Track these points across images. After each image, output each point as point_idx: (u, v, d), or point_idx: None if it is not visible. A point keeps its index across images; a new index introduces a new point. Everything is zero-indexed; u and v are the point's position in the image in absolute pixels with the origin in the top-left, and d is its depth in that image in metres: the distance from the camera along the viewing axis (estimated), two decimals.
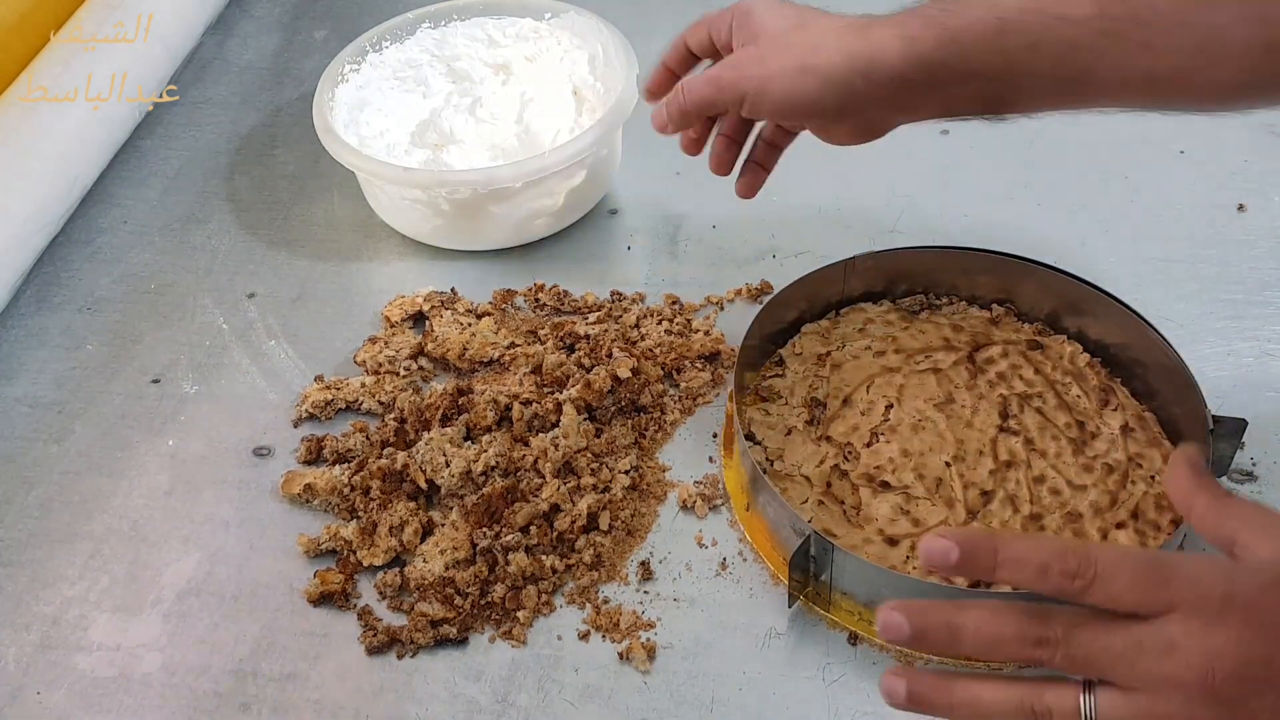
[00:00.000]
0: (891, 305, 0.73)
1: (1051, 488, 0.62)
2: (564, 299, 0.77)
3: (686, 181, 0.86)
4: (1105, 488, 0.62)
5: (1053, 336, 0.70)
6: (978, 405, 0.66)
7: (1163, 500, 0.61)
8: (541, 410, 0.67)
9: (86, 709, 0.58)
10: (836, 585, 0.59)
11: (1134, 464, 0.63)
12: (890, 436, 0.64)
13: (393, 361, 0.73)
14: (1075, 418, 0.65)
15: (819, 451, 0.65)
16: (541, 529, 0.63)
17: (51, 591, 0.63)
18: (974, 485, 0.62)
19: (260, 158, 0.92)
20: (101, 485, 0.69)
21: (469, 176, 0.76)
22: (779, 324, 0.71)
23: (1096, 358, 0.68)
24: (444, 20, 0.89)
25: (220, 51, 1.03)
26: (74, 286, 0.82)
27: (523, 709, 0.57)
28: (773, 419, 0.67)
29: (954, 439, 0.64)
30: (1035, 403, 0.66)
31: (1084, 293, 0.67)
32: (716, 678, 0.58)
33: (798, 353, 0.71)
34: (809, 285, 0.70)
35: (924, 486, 0.62)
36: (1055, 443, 0.64)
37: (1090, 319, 0.68)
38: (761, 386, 0.69)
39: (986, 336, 0.70)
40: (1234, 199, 0.80)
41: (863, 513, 0.62)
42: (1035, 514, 0.61)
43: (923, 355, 0.69)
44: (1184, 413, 0.63)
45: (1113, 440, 0.64)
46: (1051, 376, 0.67)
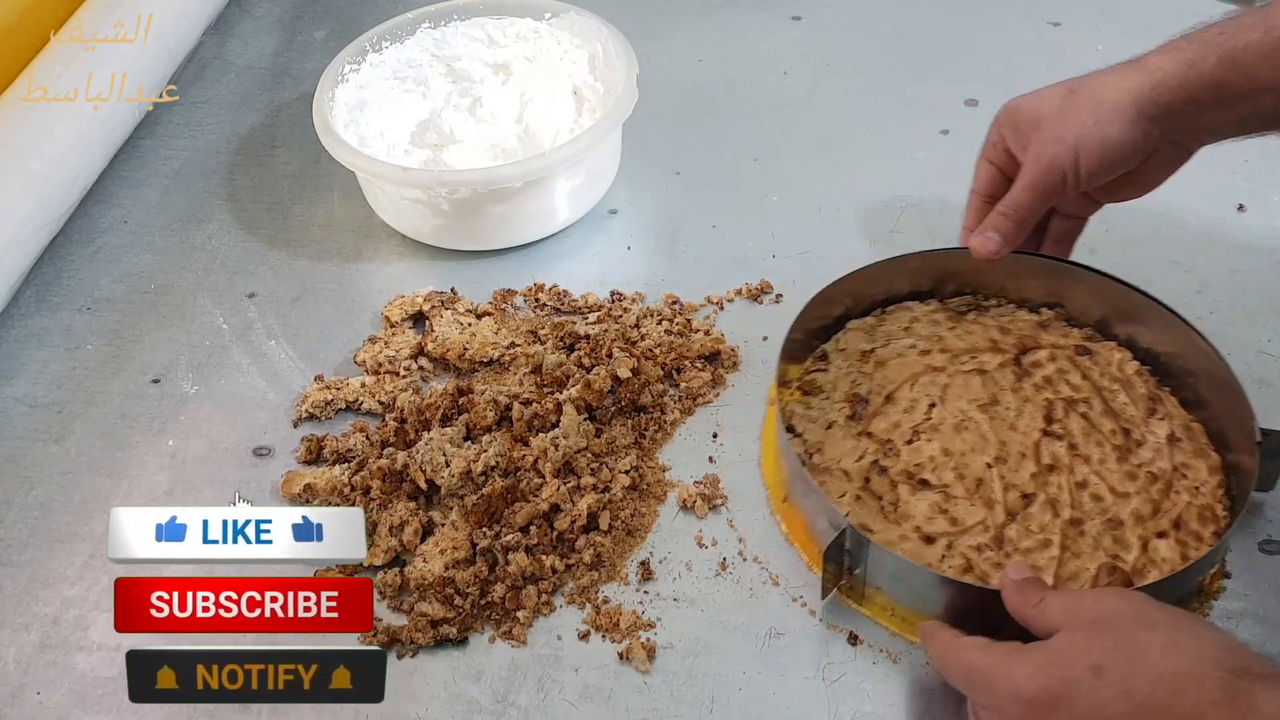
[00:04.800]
0: (939, 305, 0.72)
1: (1094, 494, 0.61)
2: (564, 299, 0.77)
3: (686, 181, 0.86)
4: (1148, 496, 0.61)
5: (1102, 343, 0.69)
6: (1022, 408, 0.65)
7: (1205, 512, 0.60)
8: (541, 410, 0.67)
9: (86, 709, 0.58)
10: (871, 580, 0.59)
11: (1179, 474, 0.62)
12: (932, 435, 0.64)
13: (393, 361, 0.73)
14: (1121, 425, 0.64)
15: (859, 447, 0.64)
16: (541, 529, 0.63)
17: (51, 591, 0.63)
18: (1015, 487, 0.61)
19: (260, 158, 0.92)
20: (101, 485, 0.69)
21: (469, 176, 0.76)
22: (823, 319, 0.71)
23: (1146, 365, 0.67)
24: (444, 20, 0.89)
25: (220, 51, 1.03)
26: (74, 286, 0.82)
27: (523, 709, 0.57)
28: (814, 412, 0.67)
29: (996, 440, 0.63)
30: (1081, 408, 0.65)
31: (1136, 300, 0.66)
32: (716, 678, 0.58)
33: (841, 348, 0.70)
34: (855, 282, 0.69)
35: (964, 487, 0.61)
36: (1099, 449, 0.63)
37: (1141, 326, 0.67)
38: (804, 380, 0.69)
39: (1034, 340, 0.69)
40: (1234, 199, 0.80)
41: (900, 509, 0.61)
42: (1075, 519, 0.60)
43: (968, 356, 0.68)
44: (1232, 424, 0.62)
45: (1158, 449, 0.63)
46: (1099, 383, 0.66)
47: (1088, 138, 0.59)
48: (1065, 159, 0.60)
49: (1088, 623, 0.47)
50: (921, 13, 1.01)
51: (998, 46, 0.97)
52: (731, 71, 0.96)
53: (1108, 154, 0.60)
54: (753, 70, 0.96)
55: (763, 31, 1.00)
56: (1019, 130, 0.63)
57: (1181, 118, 0.59)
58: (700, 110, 0.93)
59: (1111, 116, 0.59)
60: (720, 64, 0.97)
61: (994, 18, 1.00)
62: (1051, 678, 0.46)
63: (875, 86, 0.94)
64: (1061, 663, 0.46)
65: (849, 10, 1.02)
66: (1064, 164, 0.60)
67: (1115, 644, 0.46)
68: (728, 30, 1.00)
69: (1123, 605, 0.48)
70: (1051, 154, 0.60)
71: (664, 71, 0.94)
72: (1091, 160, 0.60)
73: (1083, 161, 0.60)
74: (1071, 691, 0.45)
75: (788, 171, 0.86)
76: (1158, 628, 0.46)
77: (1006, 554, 0.59)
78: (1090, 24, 0.98)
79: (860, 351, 0.70)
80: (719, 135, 0.90)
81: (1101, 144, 0.59)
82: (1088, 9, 1.00)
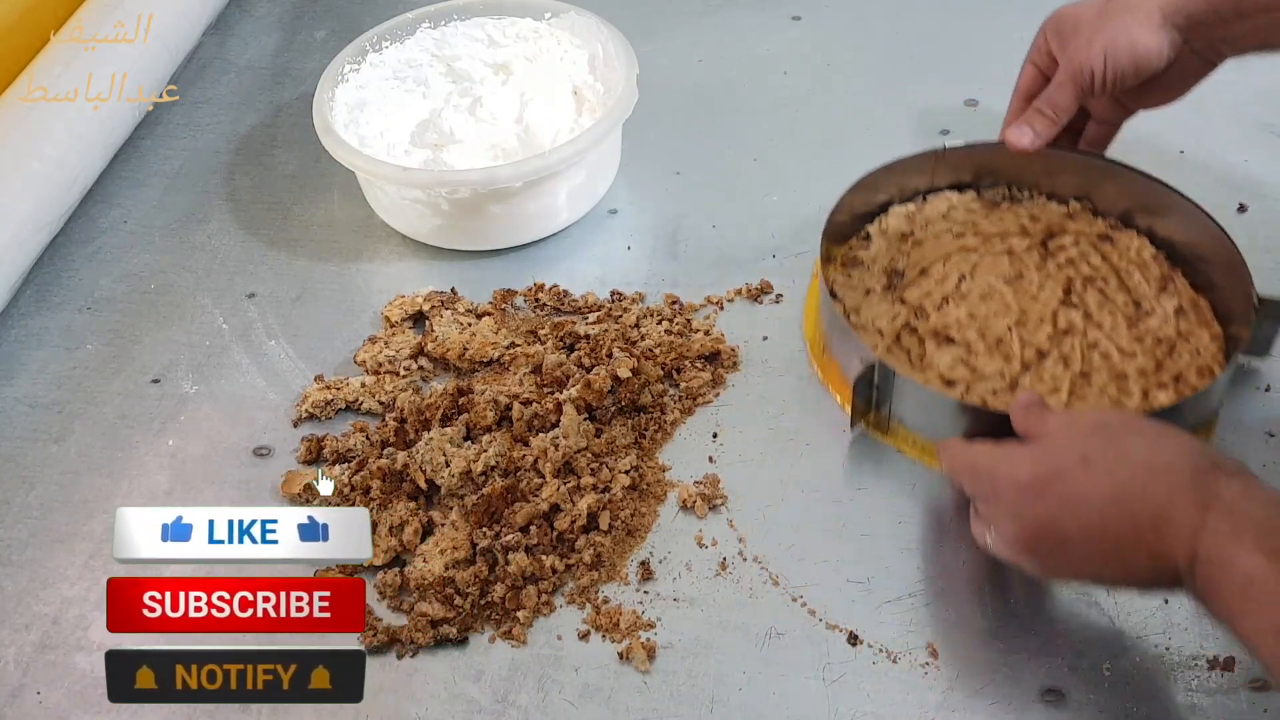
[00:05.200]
0: (975, 196, 0.78)
1: (1103, 353, 0.67)
2: (564, 299, 0.77)
3: (686, 181, 0.86)
4: (1153, 356, 0.67)
5: (1124, 231, 0.74)
6: (1044, 283, 0.70)
7: (1204, 371, 0.66)
8: (541, 410, 0.67)
9: (86, 709, 0.58)
10: (895, 414, 0.66)
11: (1182, 339, 0.68)
12: (959, 302, 0.70)
13: (393, 361, 0.73)
14: (1133, 299, 0.70)
15: (893, 310, 0.71)
16: (541, 529, 0.63)
17: (51, 591, 0.63)
18: (1031, 345, 0.67)
19: (260, 158, 0.92)
20: (101, 485, 0.69)
21: (469, 176, 0.76)
22: (868, 205, 0.77)
23: (1162, 251, 0.73)
24: (444, 20, 0.89)
25: (220, 51, 1.03)
26: (74, 286, 0.82)
27: (523, 709, 0.57)
28: (854, 282, 0.74)
29: (1018, 308, 0.69)
30: (1098, 284, 0.71)
31: (1160, 193, 0.72)
32: (716, 678, 0.58)
33: (883, 230, 0.76)
34: (898, 172, 0.76)
35: (985, 344, 0.68)
36: (1111, 318, 0.69)
37: (1161, 218, 0.73)
38: (847, 256, 0.76)
39: (1061, 227, 0.74)
40: (1234, 199, 0.80)
41: (926, 360, 0.68)
42: (1084, 372, 0.66)
43: (999, 239, 0.74)
44: (1237, 302, 0.67)
45: (1165, 319, 0.69)
46: (1117, 264, 0.72)
47: (1117, 41, 0.65)
48: (1096, 60, 0.65)
49: (1081, 427, 0.54)
50: (921, 13, 1.01)
51: (998, 46, 0.96)
52: (731, 71, 0.96)
53: (1135, 57, 0.65)
54: (753, 70, 0.96)
55: (763, 31, 1.00)
56: (1061, 35, 0.68)
57: (1204, 28, 0.64)
58: (700, 110, 0.93)
59: (1140, 23, 0.64)
60: (720, 64, 0.97)
61: (994, 18, 1.00)
62: (1045, 465, 0.52)
63: (875, 86, 0.94)
64: (1055, 453, 0.53)
65: (849, 10, 1.02)
66: (1094, 64, 0.66)
67: (1104, 442, 0.52)
68: (728, 30, 1.00)
69: (1114, 416, 0.57)
70: (1084, 55, 0.66)
71: (664, 71, 0.94)
72: (1119, 62, 0.65)
73: (1110, 63, 0.65)
74: (1062, 476, 0.51)
75: (788, 171, 0.86)
76: (1143, 433, 0.53)
77: None
78: None
79: (900, 233, 0.76)
80: (719, 135, 0.90)
81: (1130, 47, 0.65)
82: None
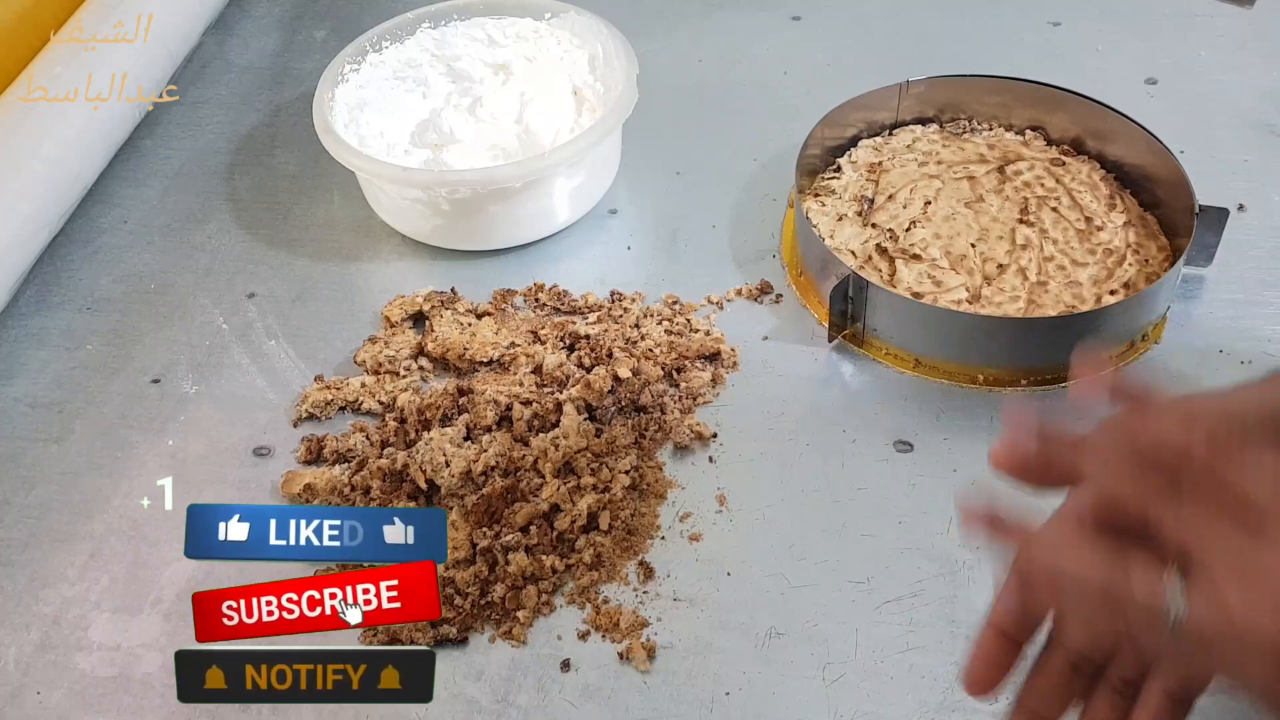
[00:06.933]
0: (938, 128, 0.85)
1: (1058, 265, 0.73)
2: (564, 299, 0.77)
3: (686, 181, 0.86)
4: (1104, 265, 0.73)
5: (1076, 157, 0.81)
6: (1003, 204, 0.77)
7: (1153, 278, 0.71)
8: (542, 410, 0.67)
9: (86, 709, 0.58)
10: (870, 325, 0.71)
11: (1132, 250, 0.74)
12: (925, 224, 0.76)
13: (393, 361, 0.73)
14: (1085, 215, 0.76)
15: (864, 233, 0.77)
16: (541, 529, 0.63)
17: (51, 591, 0.63)
18: (991, 260, 0.74)
19: (260, 158, 0.92)
20: (101, 485, 0.69)
21: (469, 176, 0.76)
22: (839, 140, 0.83)
23: (1111, 173, 0.79)
24: (444, 20, 0.89)
25: (220, 51, 1.03)
26: (74, 286, 0.82)
27: (523, 709, 0.57)
28: (827, 209, 0.79)
29: (979, 227, 0.76)
30: (1051, 203, 0.77)
31: (1108, 118, 0.78)
32: (716, 678, 0.58)
33: (853, 161, 0.83)
34: (865, 105, 0.82)
35: (949, 260, 0.74)
36: (1065, 233, 0.75)
37: (1109, 143, 0.79)
38: (820, 186, 0.81)
39: (1017, 154, 0.81)
40: (1234, 199, 0.80)
41: (895, 277, 0.73)
42: (1041, 281, 0.72)
43: (960, 166, 0.80)
44: (1181, 218, 0.72)
45: (1115, 232, 0.75)
46: (1069, 185, 0.78)
47: None
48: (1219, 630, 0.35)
49: None
50: (921, 13, 1.01)
51: (997, 46, 0.97)
52: (731, 71, 0.96)
53: None
54: (753, 70, 0.96)
55: (763, 31, 1.00)
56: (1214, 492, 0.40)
57: None
58: (700, 110, 0.93)
59: None
60: (720, 64, 0.97)
61: (994, 18, 1.00)
62: None
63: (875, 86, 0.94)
64: None
65: (849, 10, 1.02)
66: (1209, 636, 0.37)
67: None
68: (728, 30, 1.00)
69: None
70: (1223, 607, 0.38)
71: (664, 71, 0.94)
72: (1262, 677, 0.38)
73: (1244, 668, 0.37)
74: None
75: (788, 171, 0.86)
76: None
77: (981, 306, 0.71)
78: (1090, 24, 0.98)
79: (869, 164, 0.82)
80: (719, 135, 0.90)
81: None
82: (1088, 9, 1.00)
